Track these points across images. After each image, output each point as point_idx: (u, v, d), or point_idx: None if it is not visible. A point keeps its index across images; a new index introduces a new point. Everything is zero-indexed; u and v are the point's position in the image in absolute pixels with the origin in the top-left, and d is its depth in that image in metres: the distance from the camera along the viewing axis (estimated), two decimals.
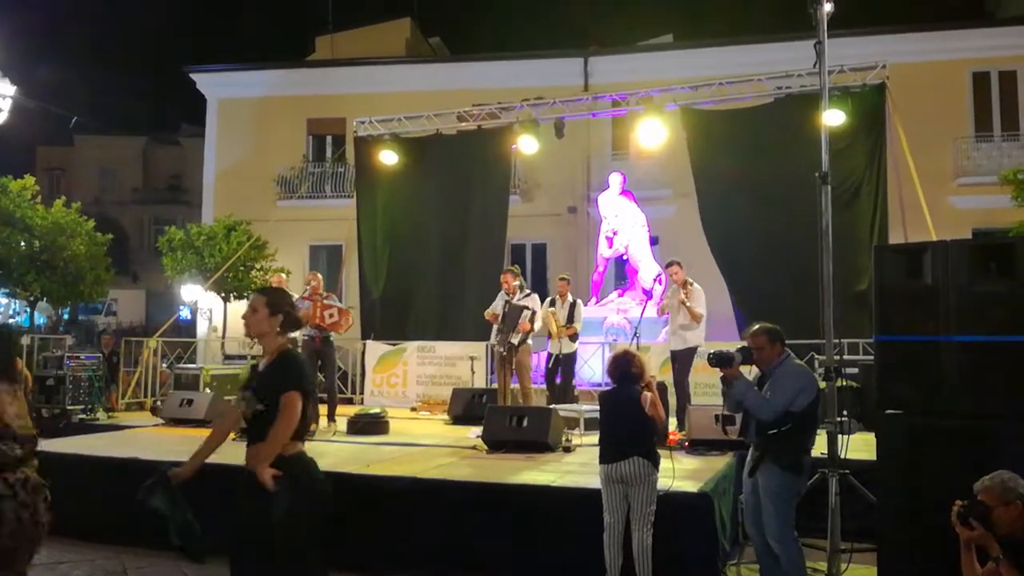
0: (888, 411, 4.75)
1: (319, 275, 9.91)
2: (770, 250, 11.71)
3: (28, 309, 21.86)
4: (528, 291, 9.77)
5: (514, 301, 9.39)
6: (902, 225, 11.29)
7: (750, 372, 5.22)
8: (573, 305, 9.90)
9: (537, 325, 9.49)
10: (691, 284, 8.90)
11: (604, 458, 5.19)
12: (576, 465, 6.95)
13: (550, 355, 9.82)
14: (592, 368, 12.04)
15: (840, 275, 6.20)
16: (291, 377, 3.58)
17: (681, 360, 8.96)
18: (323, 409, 9.48)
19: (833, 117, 10.01)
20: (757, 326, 5.19)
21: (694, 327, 8.83)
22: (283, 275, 11.61)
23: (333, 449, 7.79)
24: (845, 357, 10.28)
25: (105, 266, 20.71)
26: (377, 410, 9.65)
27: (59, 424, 10.61)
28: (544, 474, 6.49)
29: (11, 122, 13.61)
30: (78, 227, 19.87)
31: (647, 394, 5.20)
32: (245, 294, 17.97)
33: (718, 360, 5.00)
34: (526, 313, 9.28)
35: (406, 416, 11.22)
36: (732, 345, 9.92)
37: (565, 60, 20.30)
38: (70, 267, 19.29)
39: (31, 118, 19.79)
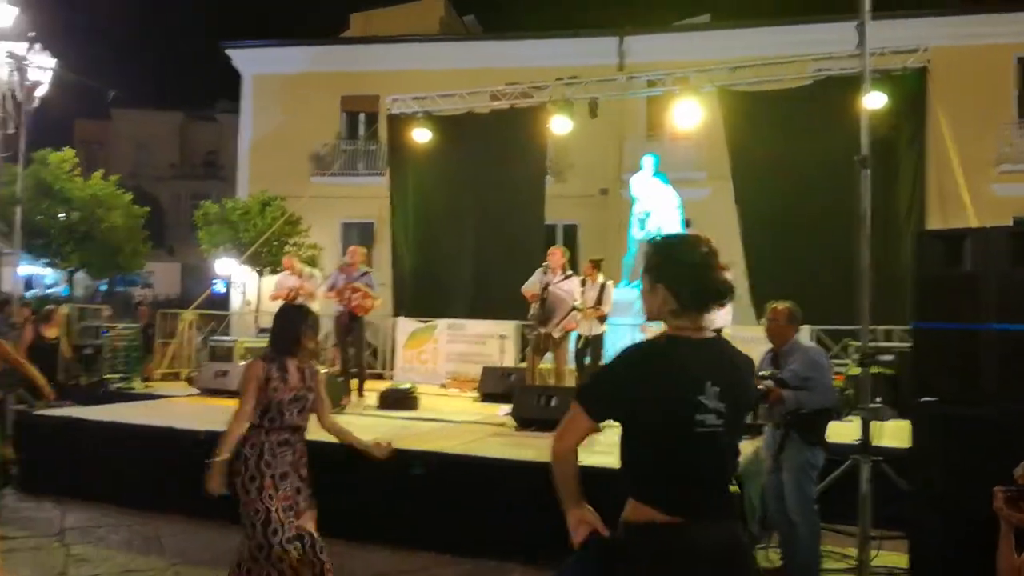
0: (923, 399, 4.70)
1: (360, 251, 9.79)
2: (805, 234, 11.52)
3: (68, 280, 22.30)
4: (570, 272, 9.68)
5: (554, 282, 9.33)
6: (941, 212, 11.10)
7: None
8: (603, 287, 9.86)
9: (579, 316, 9.46)
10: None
11: None
12: (605, 446, 6.87)
13: (579, 336, 9.82)
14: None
15: (877, 261, 6.11)
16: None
17: None
18: (354, 384, 9.64)
19: (873, 100, 9.82)
20: (782, 304, 5.29)
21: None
22: (297, 258, 11.60)
23: (363, 423, 7.88)
24: (880, 344, 10.19)
25: (142, 239, 21.07)
26: (407, 386, 9.73)
27: (98, 392, 10.85)
28: None
29: (50, 95, 13.77)
30: (116, 200, 20.22)
31: None
32: (278, 269, 18.14)
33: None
34: (574, 314, 9.28)
35: (436, 392, 11.29)
36: (753, 330, 9.88)
37: (600, 39, 20.08)
38: (108, 239, 19.63)
39: (70, 91, 20.01)
